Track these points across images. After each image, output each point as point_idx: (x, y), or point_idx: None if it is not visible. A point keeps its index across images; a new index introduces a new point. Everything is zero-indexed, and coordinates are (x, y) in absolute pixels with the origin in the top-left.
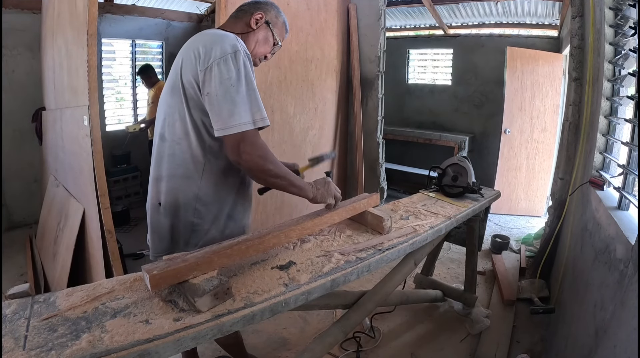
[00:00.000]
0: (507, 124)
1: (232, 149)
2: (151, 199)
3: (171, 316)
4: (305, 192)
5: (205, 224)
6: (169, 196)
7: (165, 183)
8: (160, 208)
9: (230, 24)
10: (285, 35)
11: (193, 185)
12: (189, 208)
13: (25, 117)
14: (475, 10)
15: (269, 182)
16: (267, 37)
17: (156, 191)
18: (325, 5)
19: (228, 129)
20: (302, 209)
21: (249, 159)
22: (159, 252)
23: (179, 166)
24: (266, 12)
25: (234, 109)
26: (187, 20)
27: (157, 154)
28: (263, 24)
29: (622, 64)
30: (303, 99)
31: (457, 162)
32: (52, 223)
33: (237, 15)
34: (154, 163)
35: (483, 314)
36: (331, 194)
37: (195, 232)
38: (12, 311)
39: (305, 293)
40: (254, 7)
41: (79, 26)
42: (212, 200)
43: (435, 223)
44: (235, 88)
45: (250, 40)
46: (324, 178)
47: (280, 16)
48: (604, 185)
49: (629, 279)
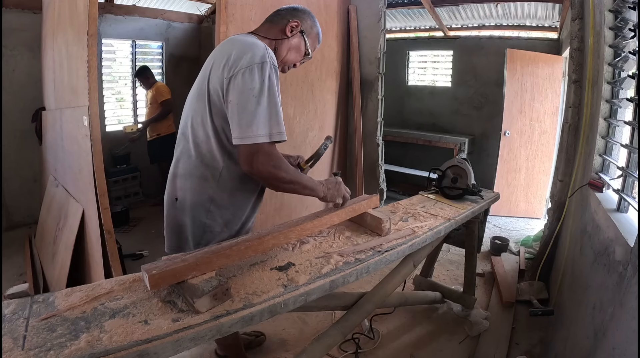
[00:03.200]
0: (507, 126)
1: (245, 159)
2: (168, 195)
3: (170, 317)
4: (317, 192)
5: (216, 226)
6: (185, 194)
7: (182, 180)
8: (176, 203)
9: (264, 29)
10: (317, 46)
11: (208, 187)
12: (202, 208)
13: (25, 117)
14: (475, 12)
15: (281, 188)
16: (299, 46)
17: (174, 188)
18: (325, 6)
19: (245, 139)
20: (301, 210)
21: (263, 170)
22: (171, 247)
23: (197, 167)
24: (302, 21)
25: (253, 120)
26: (188, 20)
27: (178, 152)
28: (298, 32)
29: (622, 67)
30: (303, 101)
31: (457, 164)
32: (52, 223)
33: (273, 20)
34: (175, 160)
35: (482, 316)
36: (341, 194)
37: (206, 233)
38: (11, 311)
39: (304, 294)
40: (291, 14)
41: (80, 26)
42: (227, 204)
43: (435, 224)
44: (257, 99)
45: (283, 47)
46: (335, 178)
47: (315, 27)
48: (604, 187)
49: (627, 281)
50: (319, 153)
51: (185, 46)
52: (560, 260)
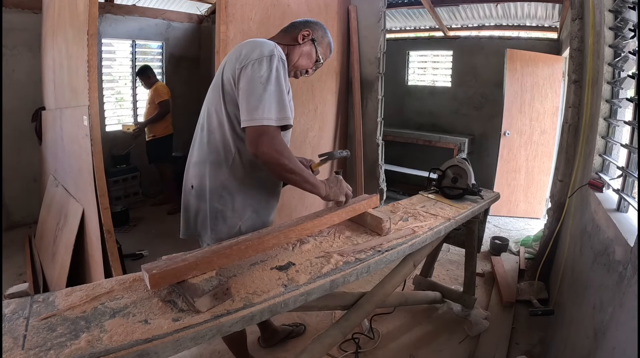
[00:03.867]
0: (507, 126)
1: (251, 141)
2: (185, 182)
3: (170, 316)
4: (318, 189)
5: (227, 211)
6: (200, 181)
7: (198, 167)
8: (192, 190)
9: (279, 37)
10: (329, 55)
11: (221, 173)
12: (215, 193)
13: (25, 117)
14: (475, 12)
15: (283, 177)
16: (310, 53)
17: (190, 175)
18: (325, 6)
19: (251, 121)
20: (301, 210)
21: (267, 152)
22: (186, 232)
23: (212, 153)
24: (314, 31)
25: (259, 104)
26: (188, 20)
27: (195, 142)
28: (309, 40)
29: (622, 67)
30: (302, 100)
31: (457, 164)
32: (52, 223)
33: (287, 30)
34: (192, 150)
35: (482, 316)
36: (343, 192)
37: (219, 219)
38: (11, 311)
39: (304, 294)
40: (303, 25)
41: (80, 26)
42: (238, 190)
43: (435, 224)
44: (264, 86)
45: (295, 52)
46: (336, 177)
47: (326, 37)
48: (603, 187)
49: (627, 281)
50: (334, 154)
51: (185, 46)
52: (560, 260)
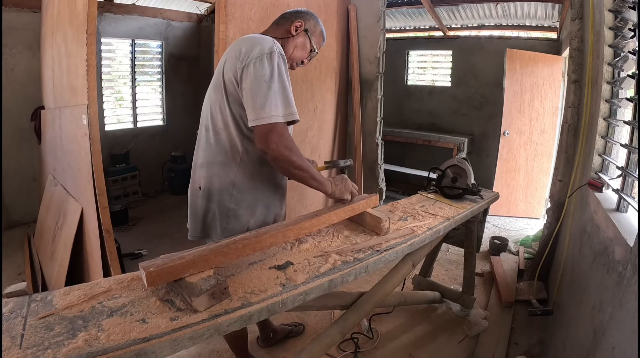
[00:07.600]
0: (507, 126)
1: (260, 139)
2: (192, 184)
3: (168, 315)
4: (325, 186)
5: (240, 210)
6: (208, 181)
7: (205, 169)
8: (200, 191)
9: (272, 30)
10: (322, 43)
11: (230, 172)
12: (225, 193)
13: (24, 116)
14: (475, 12)
15: (291, 173)
16: (304, 44)
17: (197, 177)
18: (325, 6)
19: (259, 120)
20: (300, 210)
21: (275, 149)
22: (195, 234)
23: (219, 154)
24: (305, 21)
25: (265, 103)
26: (187, 20)
27: (200, 143)
28: (302, 31)
29: (622, 67)
30: (302, 100)
31: (457, 163)
32: (51, 222)
33: (279, 22)
34: (197, 151)
35: (481, 316)
36: (348, 190)
37: (231, 218)
38: (9, 310)
39: (302, 293)
40: (294, 16)
41: (79, 25)
42: (248, 188)
43: (434, 224)
44: (268, 84)
45: (289, 45)
46: (341, 176)
47: (318, 26)
48: (603, 187)
49: (627, 281)
50: (338, 163)
51: (184, 45)
52: (560, 260)
